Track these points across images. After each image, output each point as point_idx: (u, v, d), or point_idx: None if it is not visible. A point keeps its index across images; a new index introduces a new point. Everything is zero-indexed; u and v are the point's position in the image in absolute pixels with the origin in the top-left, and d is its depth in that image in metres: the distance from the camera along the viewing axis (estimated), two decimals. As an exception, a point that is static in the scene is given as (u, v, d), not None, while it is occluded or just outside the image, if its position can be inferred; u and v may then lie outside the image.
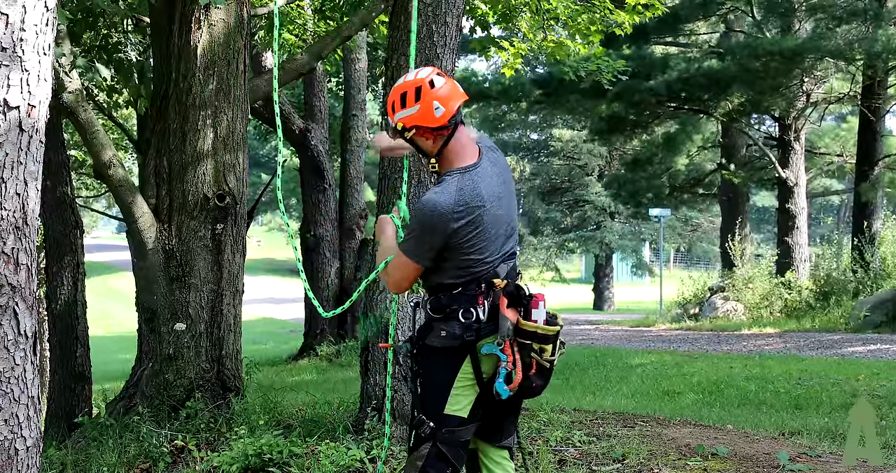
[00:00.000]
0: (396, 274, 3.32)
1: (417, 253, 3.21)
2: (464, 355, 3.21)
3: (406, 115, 3.20)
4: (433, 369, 3.26)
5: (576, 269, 50.80)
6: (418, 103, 3.17)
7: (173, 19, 6.62)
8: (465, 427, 3.27)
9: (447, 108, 3.17)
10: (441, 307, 3.23)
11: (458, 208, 3.10)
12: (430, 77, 3.20)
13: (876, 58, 17.20)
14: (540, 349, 3.18)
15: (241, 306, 6.87)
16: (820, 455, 5.19)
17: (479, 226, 3.15)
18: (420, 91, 3.17)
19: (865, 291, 15.70)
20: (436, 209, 3.11)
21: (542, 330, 3.18)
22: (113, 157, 6.65)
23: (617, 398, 8.42)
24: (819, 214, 51.14)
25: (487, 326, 3.18)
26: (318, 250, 14.54)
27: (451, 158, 3.25)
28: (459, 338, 3.18)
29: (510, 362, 3.14)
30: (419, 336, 3.31)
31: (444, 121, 3.18)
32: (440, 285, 3.26)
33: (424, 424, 3.22)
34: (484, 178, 3.21)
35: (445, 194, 3.13)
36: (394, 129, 3.27)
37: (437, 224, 3.11)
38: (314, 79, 14.99)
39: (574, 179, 34.83)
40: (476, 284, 3.21)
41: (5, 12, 2.79)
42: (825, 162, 24.68)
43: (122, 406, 6.71)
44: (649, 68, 20.04)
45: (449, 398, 3.22)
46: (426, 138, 3.23)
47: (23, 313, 2.88)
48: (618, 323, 21.35)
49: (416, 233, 3.20)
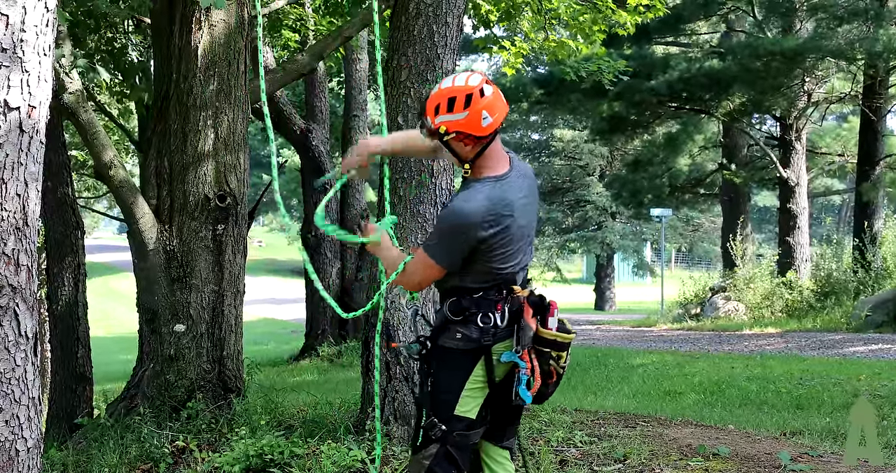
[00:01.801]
0: (417, 276, 3.32)
1: (443, 257, 3.21)
2: (478, 358, 3.22)
3: (451, 120, 3.15)
4: (445, 370, 3.27)
5: (577, 269, 50.81)
6: (467, 110, 3.12)
7: (174, 20, 6.62)
8: (475, 431, 3.29)
9: (494, 119, 3.15)
10: (461, 309, 3.23)
11: (488, 217, 3.10)
12: (482, 85, 3.15)
13: (877, 57, 17.20)
14: (557, 356, 3.21)
15: (242, 307, 6.87)
16: (821, 455, 5.18)
17: (507, 235, 3.16)
18: (471, 98, 3.12)
19: (866, 291, 15.69)
20: (467, 217, 3.11)
21: (560, 338, 3.21)
22: (114, 158, 6.65)
23: (618, 398, 8.42)
24: (820, 214, 51.10)
25: (503, 331, 3.19)
26: (320, 250, 14.55)
27: (484, 166, 3.24)
28: (476, 342, 3.19)
29: (529, 369, 3.16)
30: (432, 336, 3.31)
31: (489, 132, 3.16)
32: (461, 288, 3.26)
33: (436, 427, 3.23)
34: (513, 188, 3.21)
35: (475, 202, 3.13)
36: (430, 130, 3.22)
37: (468, 232, 3.11)
38: (315, 80, 15.00)
39: (575, 179, 34.82)
40: (497, 290, 3.22)
41: (5, 13, 2.79)
42: (826, 162, 24.67)
43: (123, 407, 6.71)
44: (650, 68, 20.04)
45: (459, 399, 3.23)
46: (465, 144, 3.20)
47: (24, 314, 2.88)
48: (619, 324, 21.35)
49: (445, 238, 3.20)
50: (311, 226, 14.72)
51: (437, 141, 3.25)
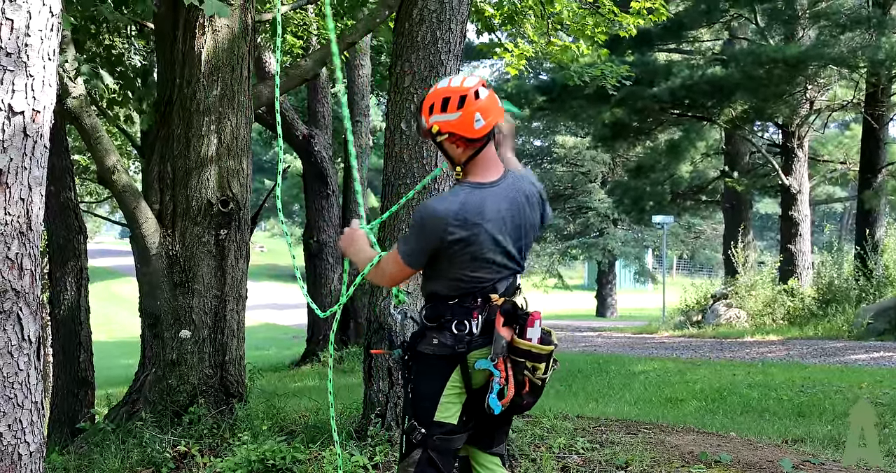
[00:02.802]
0: (386, 272, 3.34)
1: (409, 254, 3.21)
2: (454, 364, 3.20)
3: (444, 120, 3.16)
4: (423, 376, 3.27)
5: (579, 276, 50.81)
6: (460, 111, 3.13)
7: (177, 25, 6.63)
8: (457, 436, 3.27)
9: (486, 123, 3.15)
10: (436, 316, 3.23)
11: (454, 221, 3.08)
12: (477, 87, 3.16)
13: (879, 65, 17.23)
14: (533, 367, 3.17)
15: (244, 312, 6.86)
16: (823, 463, 5.18)
17: (473, 244, 3.12)
18: (465, 100, 3.13)
19: (868, 299, 15.67)
20: (434, 214, 3.11)
21: (535, 349, 3.16)
22: (117, 163, 6.65)
23: (620, 405, 8.41)
24: (822, 222, 51.08)
25: (480, 339, 3.17)
26: (321, 256, 14.55)
27: (472, 171, 3.24)
28: (450, 349, 3.18)
29: (503, 378, 3.14)
30: (411, 343, 3.31)
31: (481, 135, 3.16)
32: (437, 294, 3.26)
33: (416, 430, 3.23)
34: (495, 199, 3.18)
35: (447, 203, 3.12)
36: (425, 130, 3.25)
37: (433, 229, 3.10)
38: (318, 85, 15.01)
39: (577, 186, 34.82)
40: (472, 298, 3.20)
41: (10, 17, 2.79)
42: (828, 169, 24.68)
43: (125, 412, 6.71)
44: (653, 75, 20.07)
45: (438, 405, 3.22)
46: (457, 146, 3.20)
47: (27, 318, 2.89)
48: (620, 330, 21.34)
49: (413, 233, 3.21)
50: (312, 231, 14.74)
51: (431, 140, 3.28)
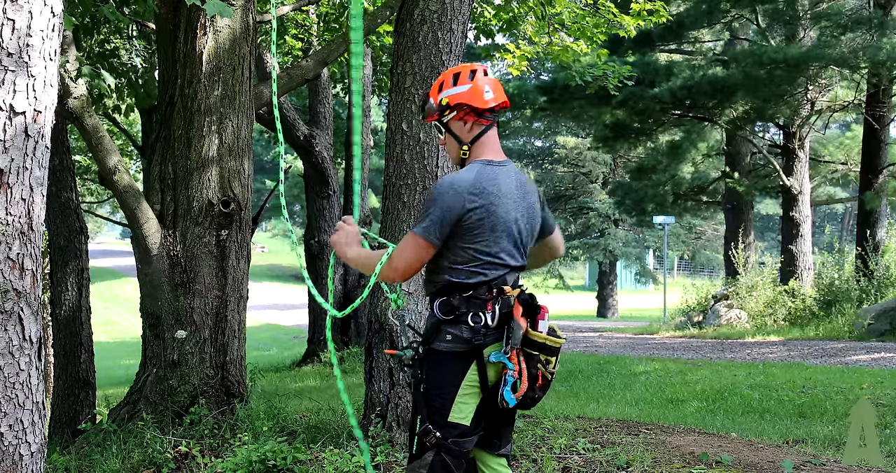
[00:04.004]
0: (403, 260, 3.22)
1: (428, 228, 3.17)
2: (470, 360, 3.18)
3: (455, 93, 3.31)
4: (439, 375, 3.22)
5: (579, 277, 50.81)
6: (471, 82, 3.30)
7: (179, 26, 6.63)
8: (469, 439, 3.24)
9: (495, 96, 3.32)
10: (451, 308, 3.20)
11: (473, 190, 3.16)
12: (485, 68, 3.37)
13: (880, 66, 17.21)
14: (546, 360, 3.19)
15: (245, 312, 6.87)
16: (824, 464, 5.17)
17: (490, 216, 3.18)
18: (475, 74, 3.32)
19: (869, 299, 15.66)
20: (452, 185, 3.17)
21: (550, 342, 3.18)
22: (118, 163, 6.65)
23: (621, 405, 8.41)
24: (823, 222, 51.08)
25: (494, 332, 3.17)
26: (322, 256, 14.54)
27: (479, 151, 3.35)
28: (467, 342, 3.16)
29: (516, 371, 3.14)
30: (424, 340, 3.27)
31: (490, 105, 3.30)
32: (451, 284, 3.23)
33: (430, 433, 3.18)
34: (507, 176, 3.29)
35: (464, 174, 3.22)
36: (433, 112, 3.37)
37: (453, 198, 3.14)
38: (319, 86, 15.01)
39: (578, 186, 34.86)
40: (487, 289, 3.20)
41: (12, 18, 2.79)
42: (829, 170, 24.65)
43: (126, 412, 6.71)
44: (654, 75, 20.05)
45: (453, 406, 3.19)
46: (465, 122, 3.33)
47: (28, 318, 2.89)
48: (621, 331, 21.32)
49: (431, 207, 3.19)
50: (314, 231, 14.74)
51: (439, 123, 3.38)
